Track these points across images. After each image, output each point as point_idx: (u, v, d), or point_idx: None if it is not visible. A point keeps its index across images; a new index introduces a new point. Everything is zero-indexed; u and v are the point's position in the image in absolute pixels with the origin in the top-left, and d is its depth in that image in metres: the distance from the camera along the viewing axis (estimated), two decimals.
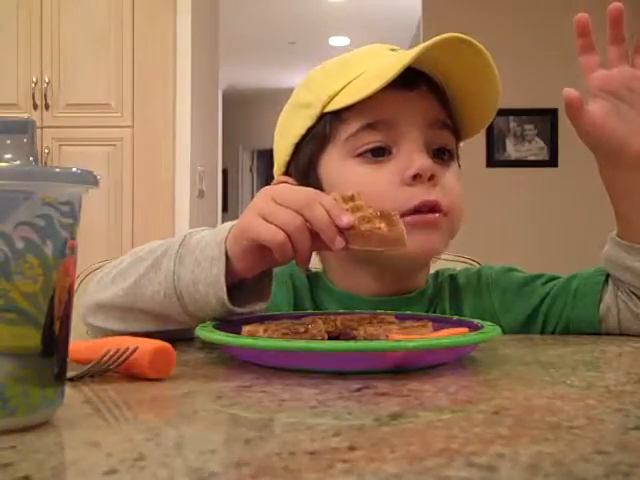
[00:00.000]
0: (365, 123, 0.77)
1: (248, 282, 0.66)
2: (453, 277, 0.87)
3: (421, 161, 0.75)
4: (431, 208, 0.75)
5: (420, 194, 0.75)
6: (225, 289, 0.62)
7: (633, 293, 0.78)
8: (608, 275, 0.81)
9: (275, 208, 0.61)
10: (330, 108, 0.78)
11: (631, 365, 0.64)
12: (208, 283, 0.63)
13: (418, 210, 0.75)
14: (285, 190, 0.64)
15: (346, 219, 0.59)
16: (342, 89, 0.78)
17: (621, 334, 0.80)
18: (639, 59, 0.73)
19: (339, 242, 0.60)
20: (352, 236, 0.60)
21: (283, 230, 0.60)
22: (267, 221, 0.60)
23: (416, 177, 0.75)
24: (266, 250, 0.61)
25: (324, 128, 0.79)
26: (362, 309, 0.77)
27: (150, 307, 0.67)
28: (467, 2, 3.74)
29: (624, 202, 0.77)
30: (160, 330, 0.68)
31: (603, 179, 0.78)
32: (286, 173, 0.84)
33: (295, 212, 0.60)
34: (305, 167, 0.81)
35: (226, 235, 0.64)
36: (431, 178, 0.75)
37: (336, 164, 0.79)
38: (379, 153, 0.77)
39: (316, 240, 0.61)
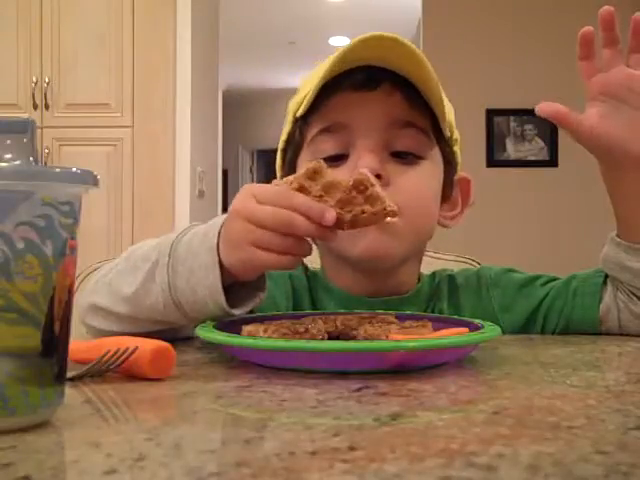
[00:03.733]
0: (321, 127, 0.79)
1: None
2: (451, 277, 0.87)
3: (365, 161, 0.75)
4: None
5: None
6: (223, 296, 0.63)
7: (632, 293, 0.78)
8: (607, 276, 0.81)
9: (262, 234, 0.59)
10: (299, 113, 0.80)
11: (631, 365, 0.64)
12: (205, 292, 0.63)
13: None
14: (256, 211, 0.60)
15: (329, 216, 0.58)
16: (308, 93, 0.78)
17: (621, 334, 0.80)
18: (635, 58, 0.73)
19: (330, 237, 0.59)
20: (339, 223, 0.59)
21: (283, 252, 0.59)
22: (260, 247, 0.59)
23: None
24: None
25: (296, 133, 0.82)
26: (359, 308, 0.77)
27: (151, 315, 0.68)
28: (467, 2, 3.74)
29: (626, 203, 0.77)
30: (160, 330, 0.69)
31: (605, 181, 0.77)
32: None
33: (281, 234, 0.58)
34: (288, 172, 0.83)
35: (216, 241, 0.63)
36: (378, 177, 0.74)
37: (302, 167, 0.79)
38: (337, 159, 0.78)
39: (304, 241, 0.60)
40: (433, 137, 0.81)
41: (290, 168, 0.83)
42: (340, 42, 6.32)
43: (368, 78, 0.76)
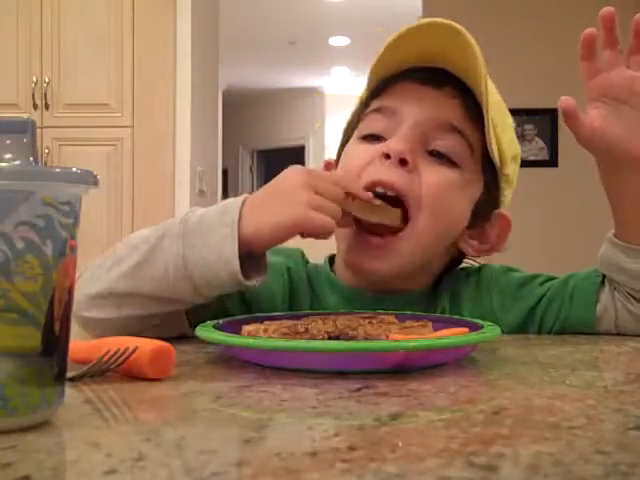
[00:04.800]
0: (374, 107, 0.81)
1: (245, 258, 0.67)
2: (452, 276, 0.87)
3: (393, 143, 0.76)
4: (372, 231, 0.75)
5: (379, 173, 0.75)
6: (239, 267, 0.64)
7: (630, 294, 0.78)
8: (604, 276, 0.81)
9: (322, 200, 0.67)
10: (363, 94, 0.84)
11: (630, 365, 0.64)
12: (220, 263, 0.64)
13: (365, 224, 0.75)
14: (322, 184, 0.68)
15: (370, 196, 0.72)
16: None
17: (618, 334, 0.80)
18: (635, 60, 0.72)
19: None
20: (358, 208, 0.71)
21: (331, 216, 0.67)
22: (314, 209, 0.66)
23: (388, 157, 0.75)
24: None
25: (357, 112, 0.85)
26: (361, 302, 0.78)
27: (155, 289, 0.67)
28: (467, 2, 3.74)
29: (625, 205, 0.77)
30: (159, 312, 0.69)
31: (604, 182, 0.77)
32: None
33: (337, 202, 0.68)
34: (342, 148, 0.86)
35: (238, 216, 0.66)
36: (404, 163, 0.75)
37: (349, 143, 0.84)
38: (376, 138, 0.79)
39: None
40: (479, 159, 0.79)
41: (343, 146, 0.85)
42: (340, 42, 6.33)
43: (435, 77, 0.77)
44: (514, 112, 0.84)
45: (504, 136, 0.80)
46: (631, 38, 0.73)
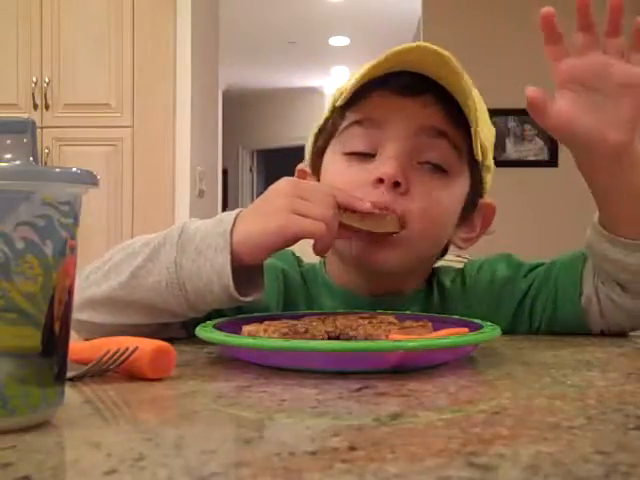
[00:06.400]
0: (355, 119, 0.79)
1: (240, 274, 0.67)
2: (441, 278, 0.87)
3: (386, 167, 0.75)
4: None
5: (374, 197, 0.74)
6: (231, 277, 0.64)
7: (617, 282, 0.77)
8: (586, 261, 0.80)
9: (306, 203, 0.66)
10: (338, 103, 0.80)
11: (631, 365, 0.64)
12: (213, 272, 0.65)
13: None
14: (309, 191, 0.68)
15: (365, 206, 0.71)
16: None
17: (609, 331, 0.79)
18: (611, 43, 0.67)
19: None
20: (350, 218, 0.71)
21: (319, 219, 0.66)
22: (299, 214, 0.65)
23: (382, 181, 0.75)
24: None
25: (331, 121, 0.83)
26: (357, 305, 0.78)
27: (149, 298, 0.68)
28: (466, 2, 3.74)
29: (609, 195, 0.74)
30: (152, 323, 0.70)
31: (583, 174, 0.74)
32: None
33: (325, 206, 0.67)
34: (315, 157, 0.85)
35: (231, 227, 0.66)
36: (397, 185, 0.74)
37: (330, 157, 0.82)
38: (364, 158, 0.78)
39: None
40: (465, 156, 0.79)
41: (318, 156, 0.84)
42: (340, 42, 6.32)
43: (413, 84, 0.75)
44: (515, 112, 0.84)
45: (482, 130, 0.79)
46: (606, 21, 0.67)
